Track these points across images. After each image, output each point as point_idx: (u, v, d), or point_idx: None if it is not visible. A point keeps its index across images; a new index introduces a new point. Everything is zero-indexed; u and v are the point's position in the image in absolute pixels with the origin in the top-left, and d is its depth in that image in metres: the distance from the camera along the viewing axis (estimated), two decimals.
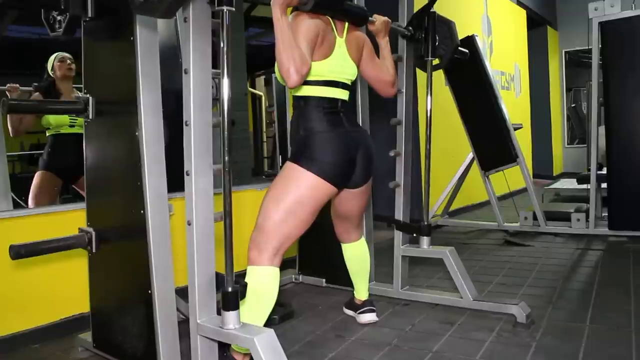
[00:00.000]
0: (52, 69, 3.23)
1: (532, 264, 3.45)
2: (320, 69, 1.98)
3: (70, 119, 3.20)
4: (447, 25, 2.64)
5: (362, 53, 2.18)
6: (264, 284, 1.83)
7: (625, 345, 2.04)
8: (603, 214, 4.25)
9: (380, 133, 3.13)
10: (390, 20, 2.34)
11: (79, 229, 1.99)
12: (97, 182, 2.00)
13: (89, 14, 1.80)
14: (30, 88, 3.23)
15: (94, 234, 1.94)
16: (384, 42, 2.29)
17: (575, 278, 3.11)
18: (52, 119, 3.17)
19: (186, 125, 1.64)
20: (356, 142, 2.05)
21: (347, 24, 2.11)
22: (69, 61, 3.23)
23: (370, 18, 2.23)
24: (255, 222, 1.91)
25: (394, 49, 2.44)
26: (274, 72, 1.91)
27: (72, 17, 1.83)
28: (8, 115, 2.95)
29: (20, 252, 1.79)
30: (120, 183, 1.85)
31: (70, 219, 2.25)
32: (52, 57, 3.24)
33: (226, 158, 1.54)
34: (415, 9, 2.77)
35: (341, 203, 2.22)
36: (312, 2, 1.90)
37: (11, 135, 3.09)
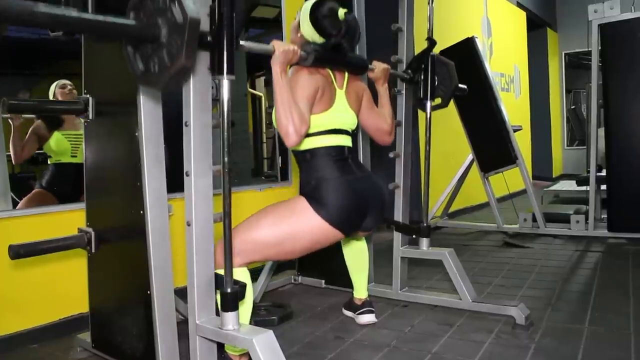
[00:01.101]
0: (54, 96, 3.22)
1: (531, 265, 3.45)
2: (322, 121, 2.00)
3: (72, 148, 3.19)
4: (446, 67, 2.67)
5: (362, 102, 2.20)
6: None
7: (624, 347, 2.04)
8: (602, 216, 4.26)
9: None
10: (389, 68, 2.35)
11: (78, 229, 1.99)
12: (96, 182, 2.00)
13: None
14: (33, 115, 3.22)
15: (93, 234, 1.93)
16: (382, 89, 2.32)
17: (575, 280, 3.11)
18: (54, 146, 3.16)
19: (186, 126, 1.63)
20: (368, 189, 2.05)
21: (347, 74, 2.13)
22: (69, 87, 3.22)
23: (369, 66, 2.25)
24: (238, 228, 1.90)
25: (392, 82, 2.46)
26: (273, 121, 1.93)
27: None
28: (10, 143, 2.95)
29: (19, 252, 1.79)
30: (120, 183, 1.85)
31: (70, 219, 2.25)
32: (52, 86, 3.23)
33: (226, 159, 1.54)
34: (415, 12, 2.79)
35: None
36: (312, 58, 1.92)
37: (14, 162, 3.07)
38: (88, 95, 1.93)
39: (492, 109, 4.46)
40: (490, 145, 4.58)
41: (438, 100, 2.75)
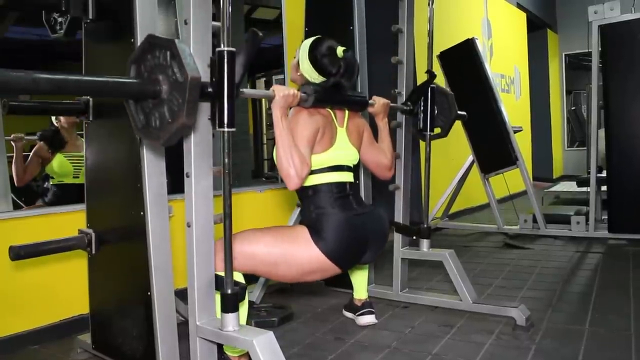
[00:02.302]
0: (56, 117, 3.22)
1: (531, 266, 3.45)
2: (324, 159, 2.02)
3: (74, 169, 3.19)
4: (446, 97, 2.71)
5: (362, 139, 2.21)
6: None
7: (625, 348, 2.04)
8: (603, 217, 4.25)
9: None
10: (389, 102, 2.36)
11: (78, 230, 1.99)
12: (97, 183, 2.00)
13: (90, 16, 1.81)
14: (35, 136, 3.22)
15: (93, 235, 1.93)
16: (382, 124, 2.33)
17: (575, 281, 3.11)
18: (56, 167, 3.16)
19: None
20: (368, 225, 2.06)
21: (347, 111, 2.14)
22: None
23: (369, 101, 2.26)
24: (238, 235, 1.89)
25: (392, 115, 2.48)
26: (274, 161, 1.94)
27: (73, 19, 1.84)
28: (13, 165, 2.95)
29: (19, 254, 1.79)
30: (120, 185, 1.85)
31: (70, 221, 2.25)
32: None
33: (226, 160, 1.54)
34: (416, 13, 2.79)
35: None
36: (312, 99, 1.94)
37: (16, 185, 3.07)
38: (88, 97, 1.93)
39: (493, 110, 4.46)
40: (491, 146, 4.58)
41: (438, 130, 2.77)
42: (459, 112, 2.74)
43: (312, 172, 1.99)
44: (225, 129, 1.50)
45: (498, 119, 4.45)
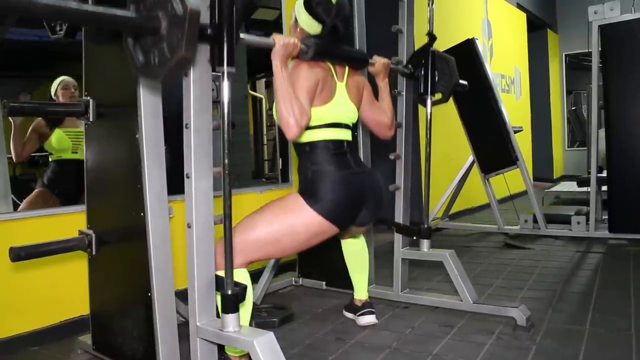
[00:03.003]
0: (55, 94, 3.22)
1: (532, 266, 3.45)
2: (322, 114, 2.00)
3: (72, 144, 3.19)
4: (447, 62, 2.68)
5: (362, 96, 2.21)
6: None
7: (626, 349, 2.04)
8: (603, 217, 4.25)
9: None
10: (389, 62, 2.36)
11: (79, 231, 1.99)
12: (97, 184, 2.00)
13: None
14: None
15: (94, 236, 1.94)
16: (383, 84, 2.32)
17: (576, 281, 3.11)
18: (55, 143, 3.16)
19: (186, 127, 1.64)
20: (364, 183, 2.06)
21: (347, 67, 2.14)
22: (72, 89, 3.22)
23: (370, 60, 2.25)
24: (235, 229, 1.90)
25: (392, 84, 2.46)
26: (273, 114, 1.94)
27: None
28: (11, 141, 2.95)
29: (20, 255, 1.79)
30: (121, 185, 1.85)
31: (70, 222, 2.25)
32: (55, 83, 3.22)
33: (226, 161, 1.54)
34: (416, 13, 2.79)
35: (346, 231, 2.25)
36: (312, 52, 1.93)
37: (15, 160, 3.07)
38: (89, 98, 1.93)
39: (493, 110, 4.46)
40: (491, 147, 4.58)
41: (438, 96, 2.75)
42: (460, 80, 2.71)
43: (310, 128, 1.98)
44: (225, 69, 1.50)
45: (498, 119, 4.45)
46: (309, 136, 2.02)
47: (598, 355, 2.00)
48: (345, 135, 2.09)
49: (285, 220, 1.91)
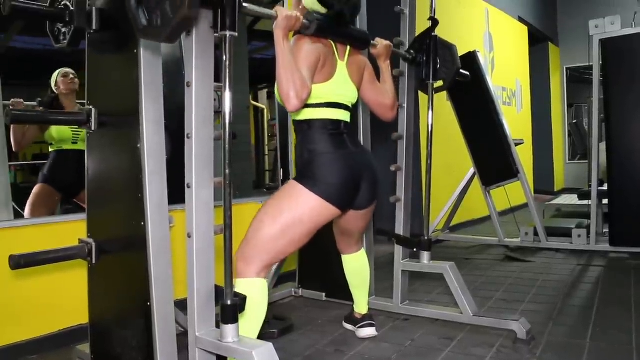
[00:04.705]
0: (56, 84, 3.24)
1: (532, 279, 3.44)
2: (322, 92, 1.99)
3: (73, 134, 3.20)
4: (449, 49, 2.67)
5: (363, 76, 2.20)
6: (253, 297, 1.81)
7: None
8: (604, 230, 4.25)
9: (381, 148, 3.14)
10: (391, 44, 2.35)
11: (79, 239, 1.99)
12: (98, 193, 2.00)
13: (94, 27, 1.82)
14: (34, 102, 3.24)
15: (94, 245, 1.93)
16: (385, 66, 2.31)
17: (576, 294, 3.10)
18: (55, 134, 3.17)
19: (188, 138, 1.64)
20: (360, 164, 2.06)
21: (348, 47, 2.13)
22: (71, 76, 3.25)
23: (372, 42, 2.25)
24: (246, 234, 1.91)
25: (395, 65, 2.45)
26: (275, 91, 1.93)
27: (77, 29, 1.85)
28: (12, 130, 2.96)
29: (19, 263, 1.78)
30: (122, 194, 1.85)
31: (71, 230, 2.25)
32: (55, 73, 3.26)
33: (227, 171, 1.54)
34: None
35: (344, 221, 2.22)
36: (315, 27, 1.93)
37: (14, 149, 3.09)
38: (91, 107, 1.94)
39: (494, 122, 4.47)
40: (492, 159, 4.59)
41: (440, 83, 2.75)
42: (462, 70, 2.70)
43: (309, 106, 1.98)
44: (228, 33, 1.50)
45: (499, 132, 4.46)
46: (307, 114, 2.01)
47: None
48: (344, 116, 2.08)
49: (289, 211, 1.90)
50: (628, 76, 3.91)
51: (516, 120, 7.68)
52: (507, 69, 7.60)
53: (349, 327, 2.53)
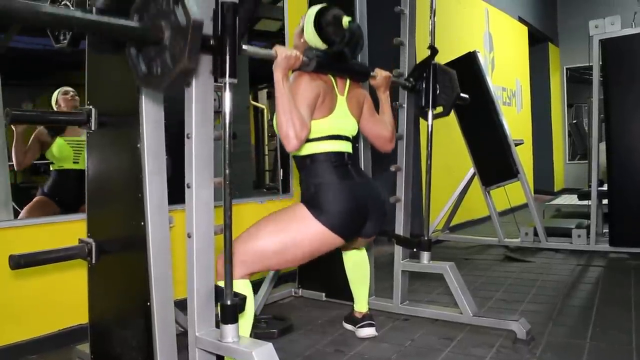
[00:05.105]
0: (56, 102, 3.25)
1: (532, 280, 3.44)
2: (323, 127, 2.01)
3: (74, 154, 3.21)
4: (448, 75, 2.69)
5: (363, 110, 2.21)
6: None
7: None
8: (604, 230, 4.25)
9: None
10: (391, 75, 2.36)
11: (79, 239, 1.99)
12: (98, 193, 2.00)
13: None
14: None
15: (94, 245, 1.93)
16: (384, 97, 2.32)
17: (576, 294, 3.10)
18: (56, 152, 3.17)
19: (188, 138, 1.64)
20: (367, 195, 2.06)
21: (348, 80, 2.14)
22: (72, 93, 3.25)
23: (371, 73, 2.26)
24: (239, 239, 1.91)
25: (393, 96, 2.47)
26: (273, 124, 1.94)
27: None
28: (13, 150, 2.97)
29: (19, 262, 1.78)
30: (121, 194, 1.85)
31: (71, 230, 2.25)
32: (55, 92, 3.26)
33: (227, 171, 1.54)
34: (417, 26, 2.80)
35: (351, 243, 2.24)
36: (314, 64, 1.94)
37: (16, 169, 3.08)
38: (91, 107, 1.94)
39: (494, 122, 4.47)
40: (492, 159, 4.59)
41: (440, 109, 2.75)
42: (461, 94, 2.71)
43: (310, 140, 1.98)
44: (227, 80, 1.51)
45: (499, 132, 4.47)
46: (309, 149, 2.01)
47: None
48: (346, 147, 2.09)
49: (290, 231, 1.91)
50: (628, 76, 3.91)
51: (516, 121, 7.69)
52: (507, 69, 7.61)
53: (348, 327, 2.53)
